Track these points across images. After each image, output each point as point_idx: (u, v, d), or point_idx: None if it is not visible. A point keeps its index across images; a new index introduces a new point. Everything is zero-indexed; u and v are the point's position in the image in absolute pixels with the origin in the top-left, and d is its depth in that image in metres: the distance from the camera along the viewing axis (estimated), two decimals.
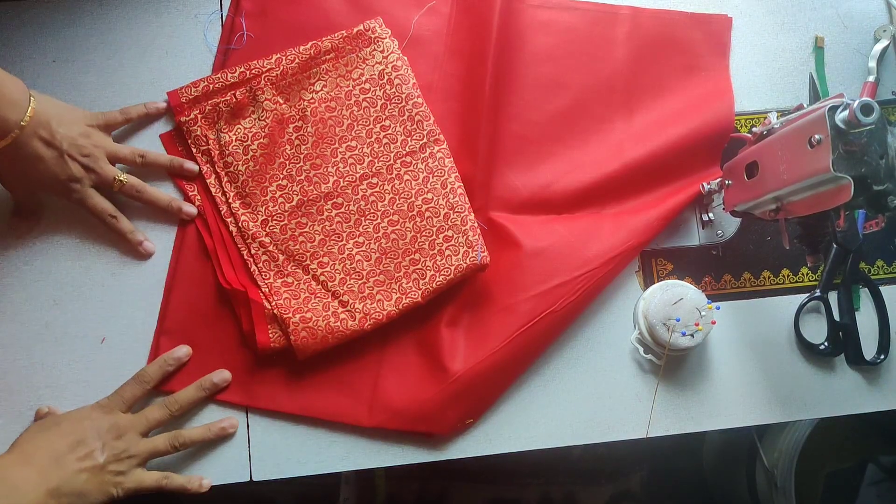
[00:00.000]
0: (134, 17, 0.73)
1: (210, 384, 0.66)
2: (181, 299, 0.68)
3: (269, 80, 0.69)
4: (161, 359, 0.66)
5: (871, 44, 0.78)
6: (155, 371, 0.65)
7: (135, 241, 0.68)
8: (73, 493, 0.57)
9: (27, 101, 0.59)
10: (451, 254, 0.67)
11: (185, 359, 0.66)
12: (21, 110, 0.59)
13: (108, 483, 0.59)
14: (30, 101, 0.60)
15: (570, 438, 0.69)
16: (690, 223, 0.75)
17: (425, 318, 0.69)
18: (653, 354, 0.70)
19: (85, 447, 0.59)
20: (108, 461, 0.60)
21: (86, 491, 0.58)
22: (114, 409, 0.63)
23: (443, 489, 1.25)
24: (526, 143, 0.73)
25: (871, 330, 0.73)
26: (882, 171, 0.52)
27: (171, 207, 0.69)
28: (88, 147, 0.64)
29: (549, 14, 0.75)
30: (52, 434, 0.59)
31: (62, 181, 0.64)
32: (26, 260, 0.69)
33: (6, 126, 0.58)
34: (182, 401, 0.65)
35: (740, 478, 1.10)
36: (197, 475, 0.65)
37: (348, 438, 0.67)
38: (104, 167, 0.66)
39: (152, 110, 0.70)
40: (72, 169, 0.64)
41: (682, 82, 0.76)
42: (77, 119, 0.65)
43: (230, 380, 0.67)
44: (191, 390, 0.65)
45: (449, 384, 0.65)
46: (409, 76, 0.71)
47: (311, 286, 0.68)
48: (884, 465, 1.10)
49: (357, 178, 0.70)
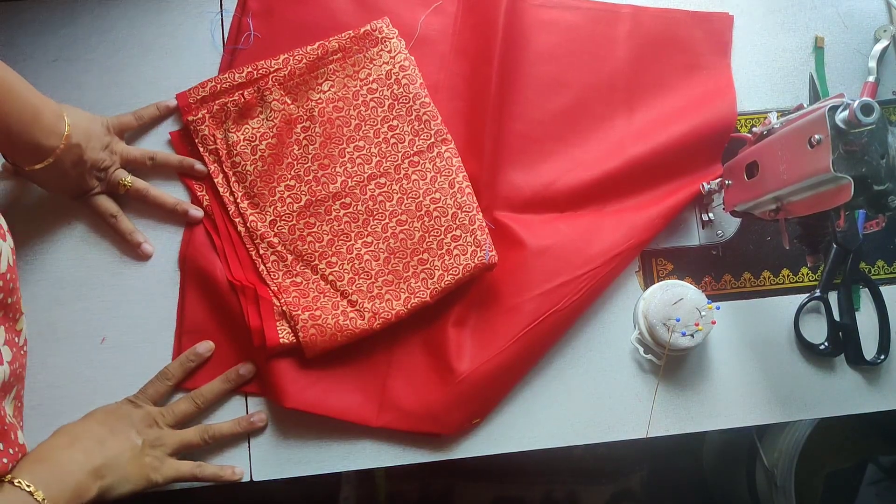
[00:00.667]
0: (135, 17, 0.74)
1: (235, 375, 0.66)
2: (197, 298, 0.68)
3: (277, 80, 0.69)
4: (183, 355, 0.67)
5: (872, 44, 0.78)
6: (177, 368, 0.66)
7: (134, 243, 0.69)
8: (116, 473, 0.57)
9: (63, 126, 0.61)
10: (460, 253, 0.67)
11: (206, 354, 0.67)
12: (58, 136, 0.60)
13: (148, 467, 0.60)
14: (66, 127, 0.61)
15: (571, 438, 0.69)
16: (690, 223, 0.75)
17: (433, 318, 0.69)
18: (653, 354, 0.70)
19: (123, 432, 0.60)
20: (145, 446, 0.61)
21: (128, 473, 0.58)
22: (141, 403, 0.64)
23: (444, 488, 1.25)
24: (528, 142, 0.73)
25: (871, 330, 0.73)
26: (882, 170, 0.52)
27: (178, 210, 0.69)
28: (107, 160, 0.66)
29: (551, 13, 0.75)
30: (91, 422, 0.61)
31: (78, 191, 0.67)
32: (27, 260, 0.69)
33: (44, 153, 0.60)
34: (207, 394, 0.66)
35: (740, 478, 1.10)
36: (230, 464, 0.66)
37: (349, 438, 0.68)
38: (114, 174, 0.67)
39: (163, 110, 0.71)
40: (90, 183, 0.66)
41: (684, 81, 0.76)
42: (98, 132, 0.65)
43: (255, 371, 0.67)
44: (216, 383, 0.66)
45: (456, 384, 0.66)
46: (416, 76, 0.71)
47: (319, 286, 0.68)
48: (883, 465, 1.10)
49: (365, 178, 0.70)
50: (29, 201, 0.70)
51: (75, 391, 0.67)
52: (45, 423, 0.65)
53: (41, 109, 0.59)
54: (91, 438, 0.58)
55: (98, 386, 0.67)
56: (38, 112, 0.58)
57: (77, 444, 0.57)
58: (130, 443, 0.60)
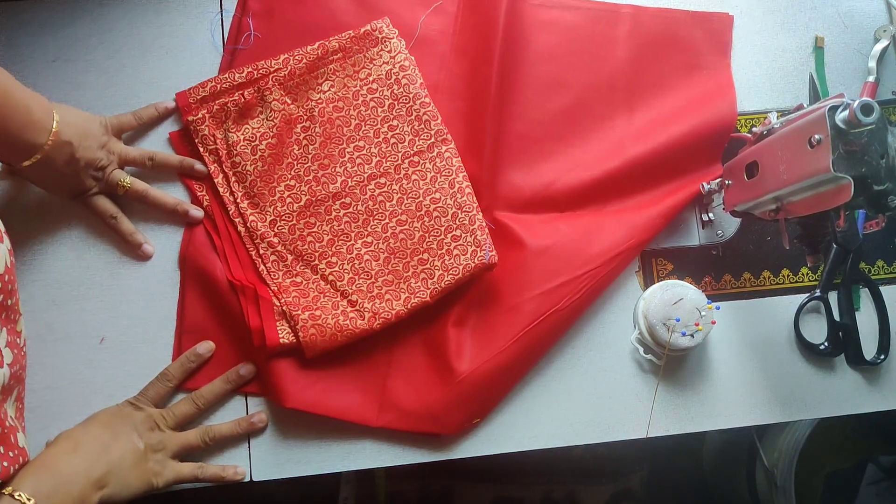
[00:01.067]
0: (134, 17, 0.73)
1: (236, 376, 0.66)
2: (197, 298, 0.68)
3: (277, 80, 0.69)
4: (183, 356, 0.66)
5: (871, 44, 0.78)
6: (177, 369, 0.66)
7: (135, 243, 0.69)
8: (118, 481, 0.57)
9: (51, 123, 0.60)
10: (460, 253, 0.67)
11: (207, 355, 0.67)
12: (46, 132, 0.60)
13: (150, 472, 0.60)
14: (53, 123, 0.60)
15: (571, 438, 0.69)
16: (690, 223, 0.75)
17: (433, 318, 0.69)
18: (653, 354, 0.70)
19: (125, 435, 0.60)
20: (147, 451, 0.61)
21: (130, 479, 0.58)
22: (142, 405, 0.64)
23: (444, 489, 1.25)
24: (528, 142, 0.73)
25: (871, 330, 0.73)
26: (882, 170, 0.52)
27: (178, 210, 0.69)
28: (103, 160, 0.65)
29: (551, 13, 0.75)
30: (94, 426, 0.60)
31: (75, 191, 0.66)
32: (24, 260, 0.69)
33: (32, 149, 0.59)
34: (208, 395, 0.66)
35: (740, 478, 1.10)
36: (231, 464, 0.66)
37: (348, 438, 0.67)
38: (112, 174, 0.67)
39: (162, 111, 0.70)
40: (86, 183, 0.65)
41: (684, 80, 0.76)
42: (94, 131, 0.65)
43: (255, 371, 0.67)
44: (217, 384, 0.66)
45: (456, 384, 0.66)
46: (416, 76, 0.71)
47: (319, 286, 0.68)
48: (883, 465, 1.10)
49: (365, 178, 0.70)
50: (26, 201, 0.70)
51: (74, 392, 0.67)
52: (44, 425, 0.65)
53: (30, 106, 0.58)
54: (94, 444, 0.58)
55: (97, 387, 0.66)
56: (27, 108, 0.58)
57: (80, 450, 0.57)
58: (133, 446, 0.60)
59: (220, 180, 0.70)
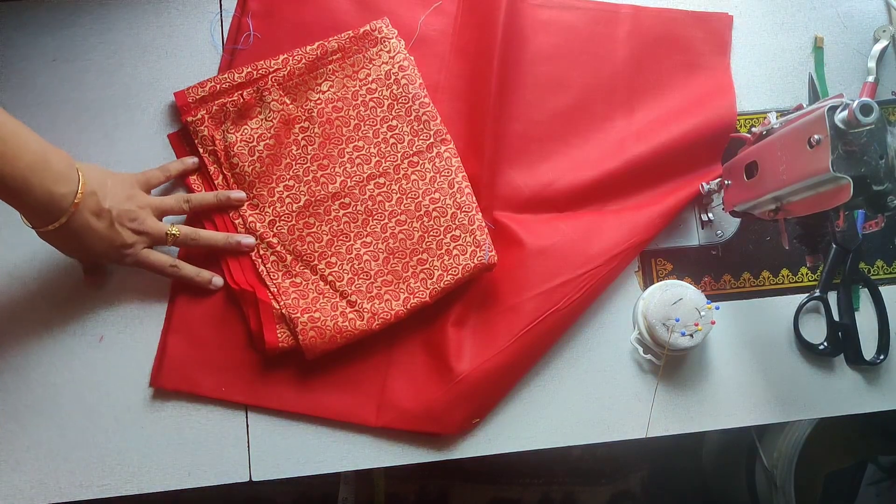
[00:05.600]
0: (134, 17, 0.73)
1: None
2: (188, 299, 0.68)
3: (276, 80, 0.69)
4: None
5: (871, 44, 0.78)
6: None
7: (203, 282, 0.67)
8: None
9: (76, 174, 0.58)
10: (459, 253, 0.67)
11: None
12: (71, 183, 0.57)
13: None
14: (79, 174, 0.58)
15: (570, 438, 0.69)
16: (690, 223, 0.75)
17: (432, 318, 0.69)
18: (652, 354, 0.70)
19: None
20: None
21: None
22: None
23: (443, 489, 1.25)
24: (528, 143, 0.73)
25: (870, 330, 0.73)
26: (882, 171, 0.52)
27: (230, 244, 0.67)
28: (135, 210, 0.63)
29: (550, 13, 0.76)
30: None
31: (116, 248, 0.63)
32: (25, 259, 0.69)
33: (61, 201, 0.57)
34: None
35: (740, 478, 1.10)
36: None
37: (348, 438, 0.67)
38: (153, 225, 0.65)
39: (189, 166, 0.69)
40: (123, 236, 0.63)
41: (683, 80, 0.76)
42: (120, 184, 0.63)
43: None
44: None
45: (455, 384, 0.66)
46: (415, 76, 0.71)
47: (319, 286, 0.68)
48: (883, 465, 1.10)
49: (364, 178, 0.70)
50: None
51: (73, 391, 0.66)
52: (42, 423, 0.65)
53: (49, 155, 0.56)
54: None
55: (96, 385, 0.66)
56: (46, 158, 0.56)
57: None
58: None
59: (220, 181, 0.69)
